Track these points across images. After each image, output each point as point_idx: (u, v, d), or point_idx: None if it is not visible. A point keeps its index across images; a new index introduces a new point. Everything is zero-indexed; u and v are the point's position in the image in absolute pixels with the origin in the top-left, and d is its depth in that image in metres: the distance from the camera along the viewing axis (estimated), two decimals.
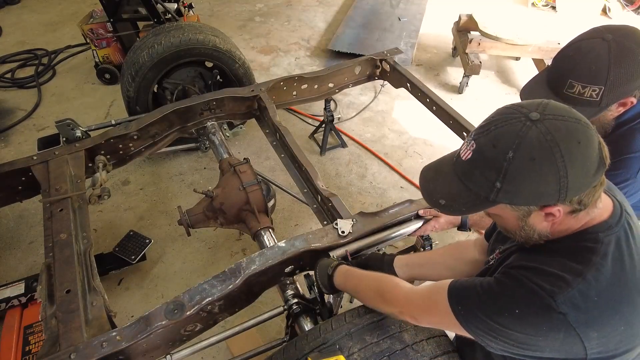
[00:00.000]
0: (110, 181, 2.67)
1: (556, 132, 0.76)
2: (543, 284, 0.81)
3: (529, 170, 0.77)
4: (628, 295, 0.83)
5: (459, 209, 0.88)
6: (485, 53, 3.49)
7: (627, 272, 0.84)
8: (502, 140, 0.79)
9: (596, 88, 1.17)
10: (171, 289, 2.14)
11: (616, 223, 0.87)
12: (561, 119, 0.78)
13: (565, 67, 1.22)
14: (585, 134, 0.77)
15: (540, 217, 0.84)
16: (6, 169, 1.70)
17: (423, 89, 2.20)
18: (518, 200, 0.82)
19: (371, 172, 2.83)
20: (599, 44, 1.16)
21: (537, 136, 0.76)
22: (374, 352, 1.06)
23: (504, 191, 0.80)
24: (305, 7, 4.89)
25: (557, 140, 0.75)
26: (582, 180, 0.77)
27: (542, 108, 0.79)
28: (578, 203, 0.81)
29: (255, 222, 1.70)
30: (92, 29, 3.34)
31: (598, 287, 0.80)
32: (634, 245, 0.87)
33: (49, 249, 1.41)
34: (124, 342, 1.13)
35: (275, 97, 2.24)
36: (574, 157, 0.75)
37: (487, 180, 0.81)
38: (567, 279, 0.81)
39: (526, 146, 0.76)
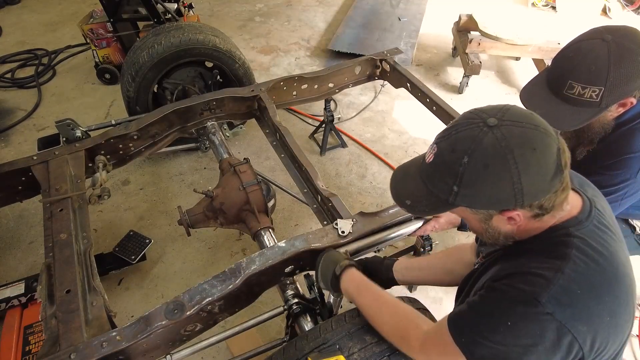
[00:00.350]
0: (110, 181, 2.68)
1: (511, 138, 0.77)
2: (524, 286, 0.82)
3: (483, 175, 0.78)
4: (608, 284, 0.84)
5: (423, 210, 0.92)
6: (485, 53, 3.49)
7: (603, 262, 0.84)
8: (459, 145, 0.81)
9: (596, 89, 1.17)
10: (171, 289, 2.14)
11: (586, 218, 0.88)
12: (519, 125, 0.78)
13: (565, 67, 1.22)
14: (542, 140, 0.78)
15: (503, 221, 0.86)
16: (6, 169, 1.70)
17: (423, 89, 2.20)
18: (476, 205, 0.84)
19: (371, 172, 2.83)
20: (598, 44, 1.16)
21: (492, 142, 0.77)
22: (374, 352, 1.06)
23: (461, 195, 0.82)
24: (305, 7, 4.89)
25: (512, 146, 0.76)
26: (538, 186, 0.78)
27: (502, 114, 0.80)
28: (539, 208, 0.82)
29: (255, 222, 1.70)
30: (92, 29, 3.34)
31: (578, 280, 0.81)
32: (607, 237, 0.88)
33: (49, 249, 1.41)
34: (124, 342, 1.13)
35: (275, 97, 2.24)
36: (528, 164, 0.76)
37: (446, 184, 0.83)
38: (546, 276, 0.81)
39: (481, 152, 0.78)
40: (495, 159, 0.77)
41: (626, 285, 0.86)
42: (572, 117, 1.23)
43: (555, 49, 3.34)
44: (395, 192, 0.98)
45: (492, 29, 3.33)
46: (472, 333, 0.85)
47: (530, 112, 0.82)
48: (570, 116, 1.23)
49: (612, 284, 0.84)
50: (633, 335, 2.03)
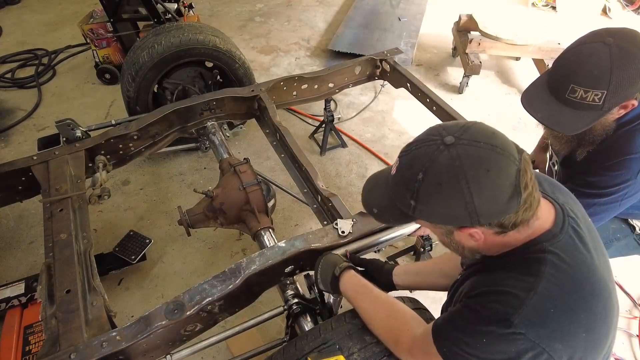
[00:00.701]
0: (110, 181, 2.68)
1: (465, 158, 0.76)
2: (497, 306, 0.82)
3: (436, 193, 0.79)
4: (583, 301, 0.83)
5: (388, 220, 0.96)
6: (485, 53, 3.49)
7: (579, 277, 0.84)
8: (416, 162, 0.81)
9: (598, 92, 1.16)
10: (171, 289, 2.14)
11: (560, 230, 0.87)
12: (475, 144, 0.77)
13: (567, 71, 1.21)
14: (498, 162, 0.77)
15: (464, 236, 0.86)
16: (6, 169, 1.71)
17: (423, 89, 2.20)
18: (433, 220, 0.85)
19: (371, 172, 2.81)
20: (600, 48, 1.15)
21: (446, 161, 0.77)
22: (374, 352, 1.06)
23: (419, 210, 0.83)
24: (305, 7, 4.89)
25: (464, 166, 0.76)
26: (493, 207, 0.78)
27: (462, 132, 0.80)
28: (499, 226, 0.82)
29: (255, 222, 1.70)
30: (92, 29, 3.34)
31: (551, 298, 0.81)
32: (582, 248, 0.87)
33: (49, 249, 1.41)
34: (124, 342, 1.13)
35: (275, 97, 2.25)
36: (481, 185, 0.76)
37: (405, 198, 0.84)
38: (519, 295, 0.81)
39: (434, 170, 0.78)
40: (448, 178, 0.77)
41: (604, 298, 0.86)
42: (575, 120, 1.22)
43: (555, 49, 3.34)
44: (365, 200, 1.00)
45: (492, 29, 3.33)
46: (452, 345, 0.87)
47: (492, 132, 0.81)
48: (572, 120, 1.22)
49: (588, 299, 0.83)
50: (633, 335, 2.03)
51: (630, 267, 2.25)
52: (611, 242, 1.65)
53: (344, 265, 1.24)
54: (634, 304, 2.16)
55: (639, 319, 2.07)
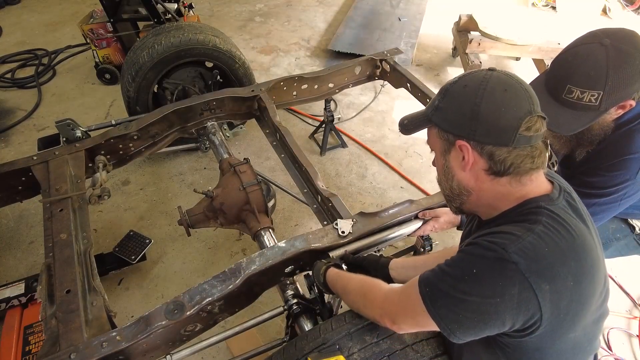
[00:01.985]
0: (110, 181, 2.68)
1: (496, 78, 0.89)
2: (495, 239, 0.85)
3: (458, 92, 0.92)
4: (574, 252, 0.86)
5: (409, 127, 1.06)
6: (485, 53, 3.49)
7: (572, 233, 0.87)
8: (458, 77, 0.95)
9: (595, 93, 1.17)
10: (171, 289, 2.14)
11: (557, 197, 0.92)
12: (509, 76, 0.91)
13: (564, 72, 1.22)
14: (517, 92, 0.88)
15: (457, 159, 0.94)
16: (6, 169, 1.70)
17: (423, 89, 2.20)
18: (443, 123, 0.94)
19: (371, 172, 2.83)
20: (597, 49, 1.16)
21: (481, 75, 0.91)
22: (373, 352, 1.06)
23: (439, 109, 0.95)
24: (305, 7, 4.89)
25: (491, 81, 0.88)
26: (491, 121, 0.87)
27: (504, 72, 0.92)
28: (489, 157, 0.89)
29: (255, 222, 1.70)
30: (92, 29, 3.34)
31: (547, 241, 0.84)
32: (576, 215, 0.92)
33: (49, 249, 1.41)
34: (124, 342, 1.13)
35: (276, 97, 2.24)
36: (492, 96, 0.87)
37: (435, 99, 0.97)
38: (518, 233, 0.85)
39: (468, 78, 0.92)
40: (474, 83, 0.90)
41: (592, 259, 0.88)
42: (572, 121, 1.23)
43: (555, 49, 3.34)
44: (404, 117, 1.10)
45: (492, 29, 3.33)
46: (438, 281, 0.89)
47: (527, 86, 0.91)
48: (570, 120, 1.23)
49: (579, 252, 0.87)
50: (633, 336, 2.03)
51: (630, 267, 2.25)
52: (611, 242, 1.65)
53: (324, 267, 1.29)
54: (634, 304, 2.16)
55: (639, 319, 2.07)
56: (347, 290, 1.17)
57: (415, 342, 1.09)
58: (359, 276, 1.19)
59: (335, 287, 1.23)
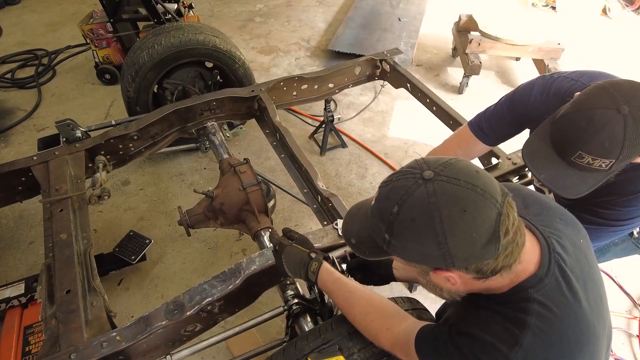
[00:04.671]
0: (110, 181, 2.68)
1: (442, 195, 0.73)
2: (482, 357, 0.81)
3: (409, 229, 0.75)
4: (570, 353, 0.81)
5: (364, 252, 0.89)
6: (485, 53, 3.49)
7: (565, 328, 0.82)
8: (393, 194, 0.78)
9: (607, 161, 1.11)
10: (171, 289, 2.14)
11: (546, 273, 0.84)
12: (454, 182, 0.74)
13: (576, 136, 1.15)
14: (476, 203, 0.72)
15: (440, 278, 0.82)
16: (6, 169, 1.71)
17: (423, 89, 2.20)
18: (407, 257, 0.81)
19: (371, 173, 2.83)
20: (614, 117, 1.08)
21: (422, 196, 0.74)
22: (373, 353, 1.06)
23: (393, 245, 0.79)
24: (305, 8, 4.89)
25: (440, 204, 0.72)
26: (468, 251, 0.74)
27: (442, 168, 0.76)
28: (477, 272, 0.78)
29: (255, 223, 1.70)
30: (92, 29, 3.34)
31: (537, 353, 0.79)
32: (568, 293, 0.84)
33: (49, 249, 1.41)
34: (124, 343, 1.14)
35: (275, 97, 2.25)
36: (455, 226, 0.72)
37: (380, 230, 0.80)
38: (504, 351, 0.79)
39: (409, 205, 0.75)
40: (421, 214, 0.73)
41: (591, 346, 0.84)
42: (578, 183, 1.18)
43: (555, 49, 3.35)
44: (344, 228, 0.96)
45: (492, 29, 3.34)
46: None
47: (476, 171, 0.77)
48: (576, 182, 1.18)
49: (574, 352, 0.82)
50: (633, 336, 2.03)
51: (630, 267, 2.25)
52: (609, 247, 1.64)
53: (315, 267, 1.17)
54: (634, 304, 2.16)
55: (639, 319, 2.07)
56: (349, 304, 1.11)
57: None
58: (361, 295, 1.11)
59: (333, 295, 1.15)
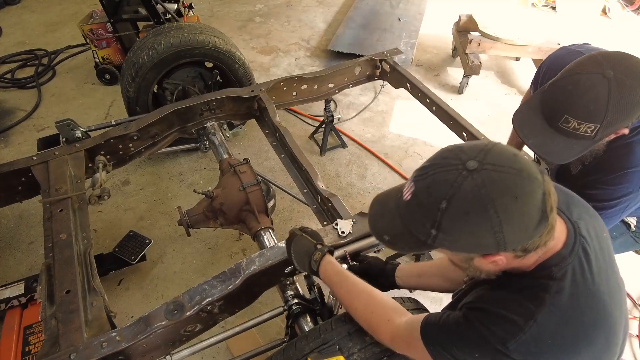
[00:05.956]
0: (110, 181, 2.68)
1: (491, 185, 0.72)
2: (495, 329, 0.81)
3: (462, 223, 0.74)
4: (584, 334, 0.81)
5: (403, 248, 0.89)
6: (485, 53, 3.49)
7: (581, 308, 0.82)
8: (436, 189, 0.76)
9: (592, 125, 1.14)
10: (171, 289, 2.14)
11: (570, 253, 0.85)
12: (500, 169, 0.73)
13: (563, 101, 1.19)
14: (524, 187, 0.73)
15: (484, 262, 0.83)
16: (6, 169, 1.70)
17: (423, 89, 2.20)
18: (456, 249, 0.80)
19: (371, 173, 2.83)
20: (599, 81, 1.11)
21: (472, 189, 0.72)
22: (374, 353, 1.06)
23: (440, 239, 0.78)
24: (305, 8, 4.89)
25: (492, 194, 0.72)
26: (521, 234, 0.75)
27: (483, 155, 0.75)
28: (523, 250, 0.79)
29: (255, 223, 1.70)
30: (92, 29, 3.34)
31: (551, 329, 0.79)
32: (589, 274, 0.84)
33: (49, 249, 1.41)
34: (123, 343, 1.14)
35: (275, 97, 2.25)
36: (510, 213, 0.72)
37: (424, 226, 0.78)
38: (518, 323, 0.80)
39: (459, 198, 0.73)
40: (475, 207, 0.72)
41: (607, 328, 0.84)
42: (565, 150, 1.21)
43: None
44: (373, 226, 0.94)
45: (492, 30, 3.33)
46: (441, 348, 0.88)
47: (513, 153, 0.77)
48: (562, 149, 1.22)
49: (589, 332, 0.81)
50: (633, 336, 2.03)
51: (629, 267, 2.25)
52: None
53: (318, 256, 1.20)
54: (634, 304, 2.16)
55: (638, 319, 2.07)
56: (351, 297, 1.12)
57: None
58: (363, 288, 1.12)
59: (334, 287, 1.17)
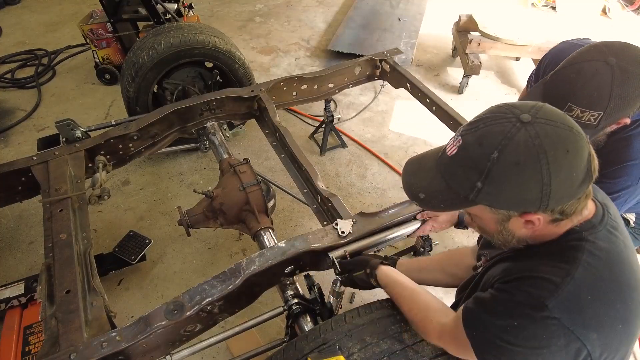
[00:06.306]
0: (110, 181, 2.68)
1: (545, 137, 0.73)
2: (531, 290, 0.80)
3: (512, 174, 0.74)
4: (619, 291, 0.81)
5: (438, 205, 0.88)
6: (485, 53, 3.49)
7: (616, 268, 0.82)
8: (488, 139, 0.76)
9: (595, 113, 1.14)
10: (171, 289, 2.14)
11: (599, 222, 0.86)
12: (553, 124, 0.74)
13: (566, 89, 1.19)
14: (576, 143, 0.74)
15: (520, 223, 0.83)
16: (6, 169, 1.70)
17: (423, 89, 2.20)
18: (498, 204, 0.80)
19: (371, 173, 2.83)
20: (602, 68, 1.12)
21: (525, 139, 0.73)
22: (373, 353, 1.05)
23: (484, 192, 0.77)
24: (305, 8, 4.89)
25: (545, 146, 0.72)
26: (566, 190, 0.75)
27: (536, 111, 0.76)
28: (560, 213, 0.79)
29: (255, 223, 1.70)
30: (92, 29, 3.34)
31: (588, 285, 0.79)
32: (620, 243, 0.85)
33: (48, 249, 1.41)
34: (123, 343, 1.13)
35: (275, 97, 2.24)
36: (560, 166, 0.73)
37: (469, 179, 0.78)
38: (555, 280, 0.79)
39: (512, 149, 0.73)
40: (527, 157, 0.72)
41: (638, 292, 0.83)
42: None
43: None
44: (408, 184, 0.93)
45: (492, 30, 3.33)
46: (483, 329, 0.85)
47: (563, 114, 0.78)
48: None
49: (624, 291, 0.81)
50: None
51: None
52: None
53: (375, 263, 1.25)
54: None
55: None
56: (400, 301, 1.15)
57: (415, 343, 1.09)
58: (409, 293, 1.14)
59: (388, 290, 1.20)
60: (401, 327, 1.12)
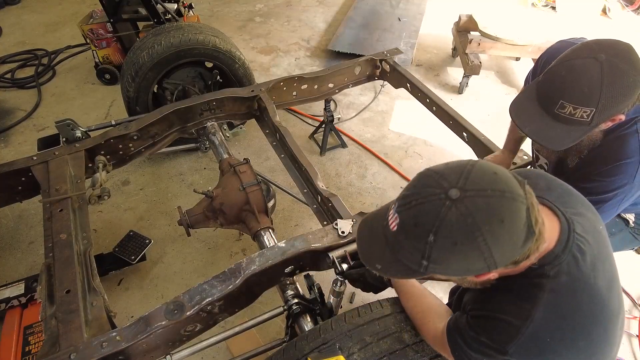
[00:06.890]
0: (110, 181, 2.68)
1: (477, 212, 0.72)
2: (494, 333, 0.85)
3: (452, 253, 0.74)
4: (582, 328, 0.82)
5: (395, 275, 0.88)
6: (485, 53, 3.49)
7: (578, 303, 0.83)
8: (422, 220, 0.75)
9: (587, 110, 1.16)
10: (171, 289, 2.14)
11: (563, 250, 0.85)
12: (483, 194, 0.73)
13: (558, 86, 1.20)
14: (510, 208, 0.73)
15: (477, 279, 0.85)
16: (6, 169, 1.70)
17: (423, 89, 2.20)
18: (448, 274, 0.81)
19: (371, 173, 2.83)
20: (591, 64, 1.14)
21: (457, 219, 0.72)
22: (373, 353, 1.06)
23: (432, 268, 0.78)
24: (305, 7, 4.89)
25: (478, 222, 0.71)
26: (510, 253, 0.76)
27: (464, 181, 0.74)
28: (514, 264, 0.80)
29: (255, 223, 1.70)
30: (92, 29, 3.34)
31: (548, 326, 0.81)
32: (584, 268, 0.84)
33: (49, 249, 1.41)
34: (123, 343, 1.14)
35: (275, 97, 2.25)
36: (497, 237, 0.72)
37: (414, 257, 0.78)
38: (515, 324, 0.82)
39: (446, 231, 0.73)
40: (463, 237, 0.72)
41: (604, 321, 0.84)
42: (563, 135, 1.23)
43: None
44: (363, 255, 0.93)
45: (492, 30, 3.33)
46: (460, 351, 0.94)
47: (494, 172, 0.76)
48: (561, 135, 1.23)
49: (587, 326, 0.82)
50: (633, 336, 2.03)
51: (629, 267, 2.25)
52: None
53: None
54: (634, 304, 2.16)
55: (638, 319, 2.07)
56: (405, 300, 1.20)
57: (415, 342, 1.09)
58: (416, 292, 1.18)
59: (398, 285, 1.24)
60: (401, 327, 1.12)
